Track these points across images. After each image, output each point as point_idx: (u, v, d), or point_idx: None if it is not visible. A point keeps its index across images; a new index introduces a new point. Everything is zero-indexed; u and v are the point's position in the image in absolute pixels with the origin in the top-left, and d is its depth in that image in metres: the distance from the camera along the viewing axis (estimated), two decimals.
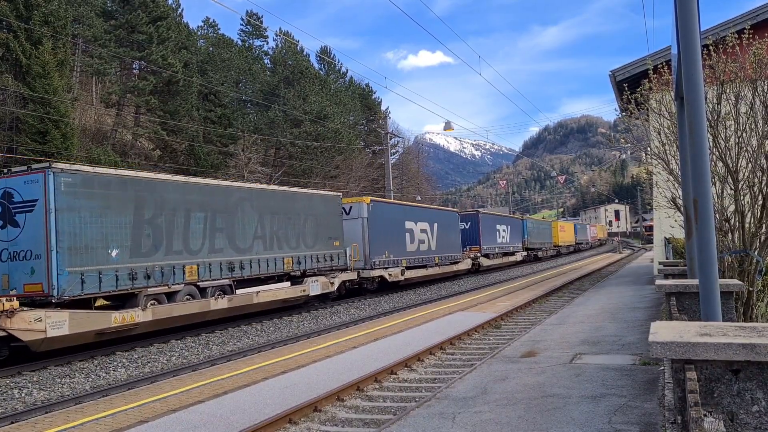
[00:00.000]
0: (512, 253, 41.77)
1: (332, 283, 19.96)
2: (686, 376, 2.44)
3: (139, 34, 38.97)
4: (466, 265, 32.26)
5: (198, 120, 42.24)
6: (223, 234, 15.62)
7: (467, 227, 34.52)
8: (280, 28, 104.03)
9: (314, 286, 18.93)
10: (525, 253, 45.25)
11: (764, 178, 7.50)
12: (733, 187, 7.64)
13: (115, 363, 11.69)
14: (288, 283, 18.21)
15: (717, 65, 7.87)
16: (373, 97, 71.08)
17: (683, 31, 3.96)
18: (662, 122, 9.63)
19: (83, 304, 12.23)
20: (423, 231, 27.52)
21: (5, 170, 12.52)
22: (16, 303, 10.51)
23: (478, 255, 34.26)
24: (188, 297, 14.53)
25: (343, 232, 21.33)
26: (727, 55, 7.92)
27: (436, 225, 28.91)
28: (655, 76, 9.81)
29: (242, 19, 60.39)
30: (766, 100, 7.64)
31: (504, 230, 39.70)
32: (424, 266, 27.17)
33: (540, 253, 51.74)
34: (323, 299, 20.56)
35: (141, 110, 41.70)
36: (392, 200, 31.89)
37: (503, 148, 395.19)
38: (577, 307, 16.03)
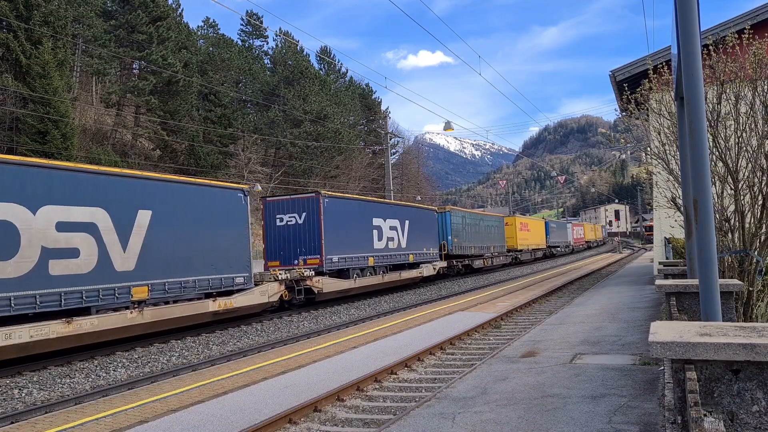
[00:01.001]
0: (414, 265, 26.32)
1: None
2: (686, 376, 2.43)
3: (139, 34, 38.98)
4: (258, 297, 16.59)
5: (198, 120, 42.27)
6: None
7: (300, 222, 20.09)
8: (280, 28, 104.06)
9: None
10: (444, 264, 29.79)
11: (764, 178, 7.50)
12: (733, 187, 7.64)
13: (115, 363, 11.69)
14: None
15: (717, 65, 7.87)
16: (373, 97, 71.17)
17: (683, 31, 3.96)
18: (662, 122, 9.63)
19: None
20: (79, 227, 11.87)
21: None
22: None
23: (310, 273, 18.79)
24: None
25: None
26: (727, 55, 7.92)
27: (148, 216, 13.33)
28: (655, 76, 9.81)
29: (242, 19, 60.46)
30: (766, 100, 7.63)
31: (395, 228, 24.31)
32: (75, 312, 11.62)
33: (479, 262, 34.55)
34: None
35: (141, 110, 41.72)
36: None
37: (503, 148, 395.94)
38: (577, 307, 16.02)
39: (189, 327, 14.91)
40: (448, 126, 37.53)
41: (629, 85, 13.59)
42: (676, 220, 9.98)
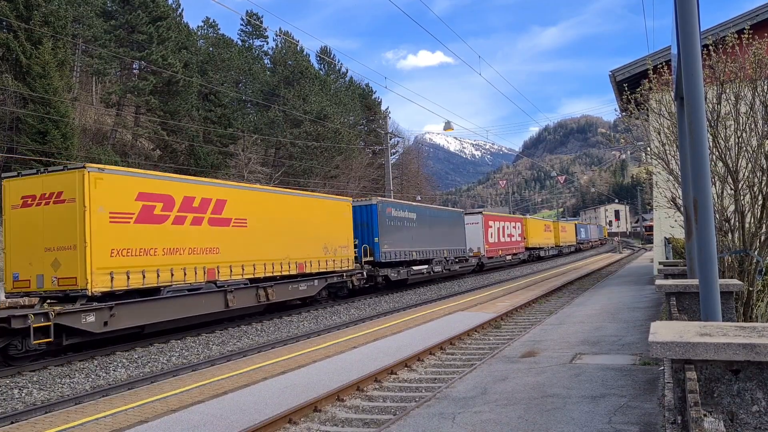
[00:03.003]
0: None
1: None
2: (686, 376, 2.43)
3: (139, 34, 38.98)
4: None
5: (198, 120, 42.26)
6: None
7: None
8: (280, 28, 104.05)
9: None
10: None
11: (764, 178, 7.49)
12: (733, 187, 7.63)
13: (115, 363, 11.68)
14: None
15: (717, 65, 7.86)
16: (373, 97, 71.12)
17: (683, 31, 3.96)
18: (662, 122, 9.63)
19: None
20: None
21: None
22: None
23: None
24: None
25: None
26: (727, 55, 7.92)
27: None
28: (655, 76, 9.80)
29: (242, 19, 60.41)
30: (766, 100, 7.63)
31: None
32: None
33: None
34: None
35: (141, 110, 41.72)
36: None
37: (503, 148, 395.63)
38: (577, 307, 16.02)
39: (190, 326, 14.96)
40: (448, 126, 37.52)
41: (629, 85, 13.59)
42: (676, 220, 9.98)
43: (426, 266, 27.54)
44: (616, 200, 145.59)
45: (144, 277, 13.14)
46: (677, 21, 4.03)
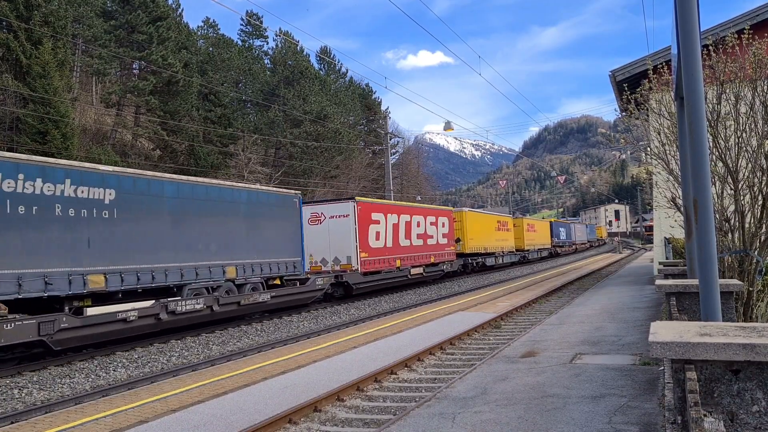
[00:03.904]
0: None
1: None
2: (686, 376, 2.43)
3: (139, 34, 38.99)
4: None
5: (198, 120, 42.26)
6: None
7: None
8: (280, 28, 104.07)
9: None
10: None
11: (764, 178, 7.49)
12: (733, 187, 7.63)
13: (115, 363, 11.69)
14: None
15: (717, 65, 7.86)
16: (373, 97, 71.12)
17: (683, 31, 3.96)
18: (662, 122, 9.63)
19: None
20: None
21: None
22: None
23: None
24: None
25: None
26: (727, 55, 7.92)
27: None
28: (655, 76, 9.81)
29: (242, 19, 60.40)
30: (766, 100, 7.63)
31: None
32: None
33: None
34: None
35: (141, 110, 41.73)
36: None
37: (503, 148, 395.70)
38: (577, 307, 16.02)
39: (189, 326, 14.97)
40: (448, 126, 37.54)
41: (629, 85, 13.59)
42: (676, 220, 9.98)
43: (149, 303, 13.38)
44: (616, 200, 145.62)
45: None
46: (677, 21, 4.03)
